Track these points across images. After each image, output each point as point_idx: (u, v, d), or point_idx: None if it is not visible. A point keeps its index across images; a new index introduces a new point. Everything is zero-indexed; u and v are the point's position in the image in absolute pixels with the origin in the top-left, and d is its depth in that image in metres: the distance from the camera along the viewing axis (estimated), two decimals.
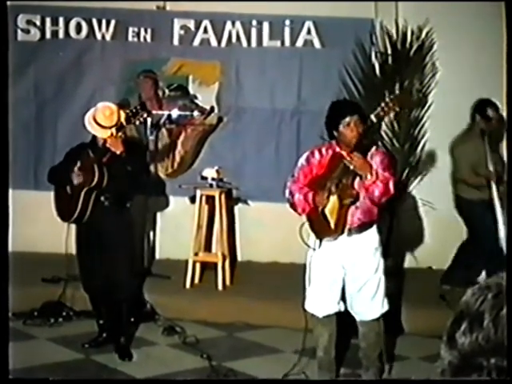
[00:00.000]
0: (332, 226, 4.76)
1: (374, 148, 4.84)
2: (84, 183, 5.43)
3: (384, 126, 7.13)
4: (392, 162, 5.06)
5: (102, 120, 5.35)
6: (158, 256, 7.70)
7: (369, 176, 4.57)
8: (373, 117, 4.75)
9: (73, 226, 5.82)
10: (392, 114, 4.78)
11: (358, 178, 4.68)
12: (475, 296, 1.32)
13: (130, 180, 5.49)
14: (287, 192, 4.91)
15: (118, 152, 5.33)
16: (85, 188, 5.43)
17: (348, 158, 4.59)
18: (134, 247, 6.03)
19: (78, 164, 5.45)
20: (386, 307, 4.96)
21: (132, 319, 5.98)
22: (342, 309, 4.97)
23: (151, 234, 7.60)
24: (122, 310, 5.67)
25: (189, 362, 5.61)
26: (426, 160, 7.30)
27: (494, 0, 6.49)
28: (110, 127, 5.35)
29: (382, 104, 4.75)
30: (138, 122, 5.87)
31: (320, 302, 4.91)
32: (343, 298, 4.97)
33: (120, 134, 5.40)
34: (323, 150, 4.89)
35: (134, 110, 5.60)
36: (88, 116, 5.43)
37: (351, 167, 4.60)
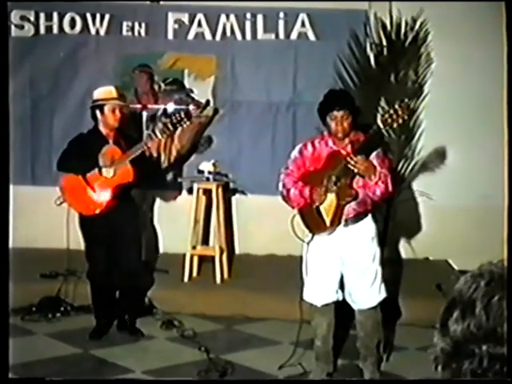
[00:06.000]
0: (327, 223, 4.78)
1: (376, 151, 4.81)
2: None
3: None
4: (390, 161, 5.07)
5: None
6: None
7: (372, 177, 4.59)
8: (380, 123, 4.72)
9: (71, 221, 5.85)
10: (401, 121, 4.72)
11: (357, 177, 4.70)
12: (468, 283, 1.33)
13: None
14: (280, 184, 4.92)
15: None
16: None
17: (352, 163, 4.57)
18: (141, 234, 6.14)
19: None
20: (383, 294, 4.99)
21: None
22: (341, 298, 5.00)
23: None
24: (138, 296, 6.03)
25: (187, 355, 5.61)
26: (422, 151, 7.30)
27: (495, 0, 6.49)
28: None
29: (391, 111, 4.70)
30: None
31: (318, 291, 4.94)
32: (341, 287, 4.99)
33: None
34: (316, 143, 4.90)
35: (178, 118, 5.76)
36: None
37: (355, 171, 4.60)
